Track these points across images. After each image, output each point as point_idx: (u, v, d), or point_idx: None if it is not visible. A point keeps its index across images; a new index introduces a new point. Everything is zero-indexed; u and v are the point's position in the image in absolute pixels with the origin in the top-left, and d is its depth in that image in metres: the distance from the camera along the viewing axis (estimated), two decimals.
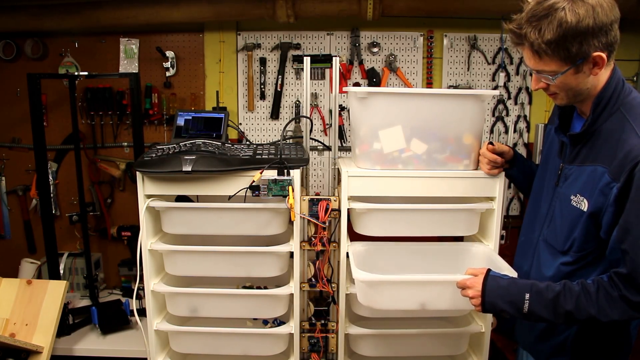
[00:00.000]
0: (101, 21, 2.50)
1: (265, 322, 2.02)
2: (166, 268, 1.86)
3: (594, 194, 1.27)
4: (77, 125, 2.49)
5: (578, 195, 1.32)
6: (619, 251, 1.22)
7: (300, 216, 1.76)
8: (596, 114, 1.30)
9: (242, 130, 2.72)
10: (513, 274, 1.44)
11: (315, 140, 2.40)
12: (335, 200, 1.76)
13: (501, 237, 1.81)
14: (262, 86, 2.69)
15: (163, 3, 2.46)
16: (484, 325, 1.85)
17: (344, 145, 2.72)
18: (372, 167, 1.74)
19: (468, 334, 1.91)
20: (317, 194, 1.81)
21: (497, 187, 1.71)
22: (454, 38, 2.65)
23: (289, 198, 1.67)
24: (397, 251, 1.82)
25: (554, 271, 1.39)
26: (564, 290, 1.25)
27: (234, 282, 2.04)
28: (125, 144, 2.78)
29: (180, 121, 2.04)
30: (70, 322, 2.40)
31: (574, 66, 1.23)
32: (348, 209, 1.74)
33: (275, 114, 2.70)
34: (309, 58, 1.96)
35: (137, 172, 1.72)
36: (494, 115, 2.71)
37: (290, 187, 1.67)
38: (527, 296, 1.27)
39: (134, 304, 1.89)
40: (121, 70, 2.71)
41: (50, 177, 2.59)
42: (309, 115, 2.00)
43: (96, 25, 2.54)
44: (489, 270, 1.38)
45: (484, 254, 1.76)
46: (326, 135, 2.73)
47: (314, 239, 1.79)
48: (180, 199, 1.92)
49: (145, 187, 1.74)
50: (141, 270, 1.81)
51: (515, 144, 2.73)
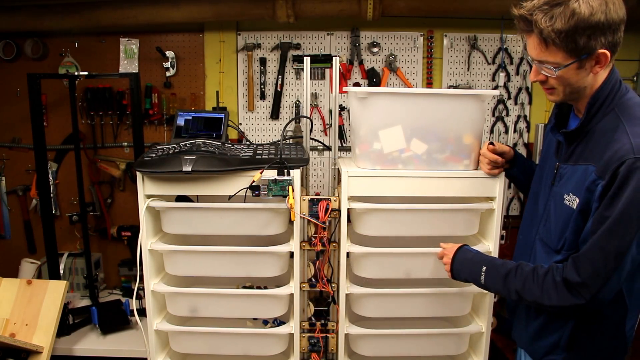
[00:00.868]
0: (101, 21, 2.50)
1: (265, 322, 2.02)
2: (166, 268, 1.86)
3: (582, 191, 1.28)
4: (77, 125, 2.49)
5: (570, 194, 1.33)
6: (585, 241, 1.24)
7: (300, 216, 1.76)
8: (591, 113, 1.30)
9: (242, 130, 2.72)
10: None
11: (315, 140, 2.40)
12: (335, 200, 1.76)
13: (501, 237, 1.81)
14: (262, 86, 2.69)
15: (163, 3, 2.46)
16: (483, 325, 1.85)
17: (344, 145, 2.72)
18: (372, 167, 1.74)
19: (468, 334, 1.91)
20: (317, 194, 1.81)
21: (497, 187, 1.71)
22: (454, 38, 2.65)
23: (289, 198, 1.67)
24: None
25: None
26: (515, 269, 1.34)
27: (234, 282, 2.04)
28: (125, 144, 2.78)
29: (180, 121, 2.04)
30: (70, 322, 2.41)
31: (578, 60, 1.23)
32: (348, 209, 1.74)
33: (275, 114, 2.70)
34: (309, 58, 1.96)
35: (137, 172, 1.72)
36: (494, 115, 2.71)
37: (290, 187, 1.67)
38: (484, 269, 1.40)
39: (134, 304, 1.89)
40: (121, 70, 2.71)
41: (50, 177, 2.59)
42: (309, 115, 2.00)
43: (96, 25, 2.54)
44: (464, 245, 1.55)
45: None
46: (326, 135, 2.73)
47: (314, 239, 1.79)
48: (181, 199, 1.92)
49: (145, 187, 1.74)
50: (141, 270, 1.82)
51: (515, 144, 2.73)
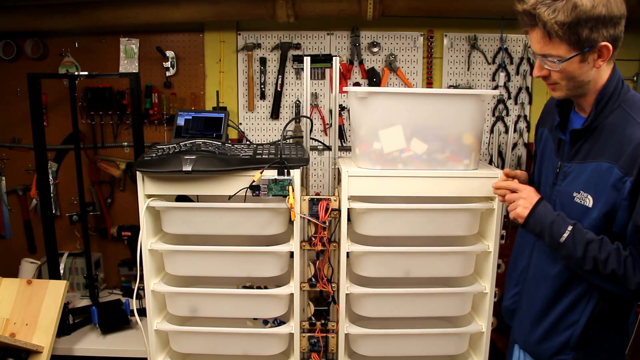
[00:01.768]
0: (101, 21, 2.50)
1: (266, 322, 2.02)
2: (166, 268, 1.86)
3: (602, 190, 1.27)
4: (77, 125, 2.49)
5: (581, 192, 1.32)
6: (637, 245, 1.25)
7: (301, 216, 1.76)
8: (598, 109, 1.31)
9: (242, 130, 2.72)
10: None
11: (316, 140, 2.40)
12: (335, 200, 1.76)
13: (501, 237, 1.81)
14: (262, 86, 2.69)
15: (163, 3, 2.46)
16: (483, 325, 1.85)
17: (344, 145, 2.72)
18: (372, 167, 1.74)
19: (468, 334, 1.91)
20: (317, 194, 1.81)
21: None
22: (454, 38, 2.65)
23: (289, 198, 1.67)
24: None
25: (561, 267, 1.40)
26: (600, 241, 1.27)
27: (234, 282, 2.04)
28: (126, 143, 2.78)
29: (181, 121, 2.04)
30: (71, 322, 2.41)
31: (581, 53, 1.25)
32: (348, 208, 1.74)
33: (275, 113, 2.70)
34: (309, 58, 1.96)
35: (137, 172, 1.72)
36: (494, 115, 2.71)
37: (290, 187, 1.67)
38: (570, 228, 1.29)
39: (134, 304, 1.89)
40: (121, 70, 2.71)
41: (51, 177, 2.59)
42: (309, 115, 2.00)
43: (96, 25, 2.54)
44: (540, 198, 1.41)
45: None
46: (326, 135, 2.73)
47: (314, 239, 1.79)
48: (181, 198, 1.92)
49: (146, 187, 1.74)
50: (141, 270, 1.81)
51: (515, 144, 2.73)
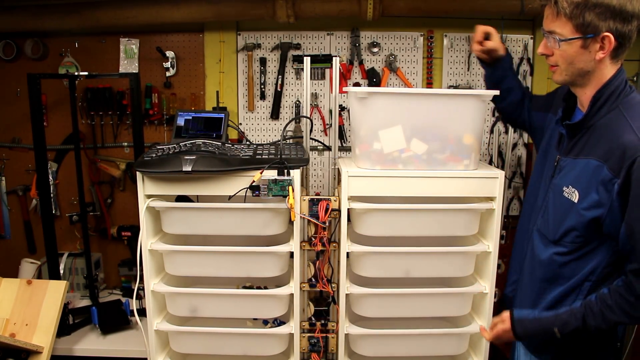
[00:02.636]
0: (101, 21, 2.50)
1: (265, 322, 2.02)
2: (166, 268, 1.86)
3: (588, 187, 1.30)
4: (77, 125, 2.49)
5: (570, 186, 1.35)
6: (628, 247, 1.26)
7: (301, 216, 1.76)
8: (595, 107, 1.32)
9: (242, 130, 2.72)
10: None
11: (316, 140, 2.40)
12: (335, 200, 1.76)
13: (501, 237, 1.81)
14: (262, 86, 2.69)
15: (163, 3, 2.46)
16: (484, 325, 1.85)
17: (344, 145, 2.72)
18: (372, 167, 1.74)
19: (468, 334, 1.91)
20: (317, 194, 1.82)
21: (497, 187, 1.71)
22: (454, 38, 2.65)
23: (289, 198, 1.67)
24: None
25: (547, 259, 1.43)
26: (586, 312, 1.31)
27: (234, 282, 2.04)
28: (126, 144, 2.78)
29: (181, 121, 2.05)
30: (70, 322, 2.40)
31: (583, 38, 1.25)
32: (348, 209, 1.74)
33: (275, 114, 2.70)
34: (309, 58, 1.96)
35: (137, 172, 1.72)
36: (494, 115, 2.71)
37: (290, 187, 1.67)
38: (556, 330, 1.36)
39: (134, 304, 1.89)
40: (121, 70, 2.71)
41: (51, 177, 2.59)
42: (309, 115, 2.00)
43: (96, 25, 2.53)
44: (510, 314, 1.47)
45: None
46: (326, 135, 2.73)
47: (314, 239, 1.79)
48: (181, 199, 1.92)
49: (146, 187, 1.74)
50: (141, 270, 1.82)
51: (515, 144, 2.73)
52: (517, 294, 1.64)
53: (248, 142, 2.40)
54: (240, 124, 2.73)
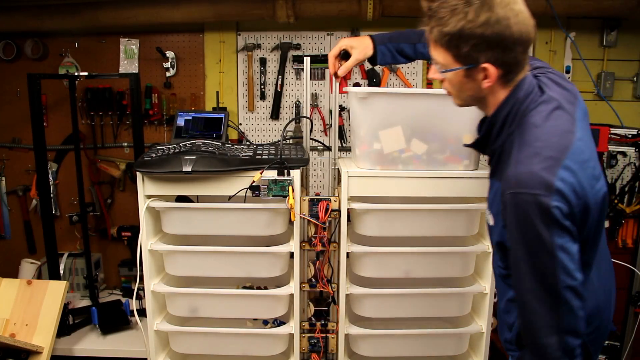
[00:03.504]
0: (101, 21, 2.50)
1: (265, 323, 2.02)
2: (166, 268, 1.86)
3: (497, 212, 1.22)
4: (77, 126, 2.49)
5: (487, 209, 1.29)
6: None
7: (300, 216, 1.76)
8: (494, 133, 1.24)
9: (242, 131, 2.72)
10: None
11: (316, 140, 2.40)
12: (335, 201, 1.76)
13: None
14: (262, 86, 2.69)
15: (163, 3, 2.46)
16: (483, 326, 1.85)
17: (344, 145, 2.72)
18: (372, 167, 1.74)
19: (468, 334, 1.91)
20: (317, 194, 1.81)
21: None
22: None
23: (289, 198, 1.67)
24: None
25: (497, 261, 1.34)
26: None
27: (234, 283, 2.04)
28: (125, 144, 2.78)
29: (180, 121, 2.04)
30: (70, 322, 2.41)
31: (464, 68, 1.16)
32: (348, 209, 1.74)
33: (275, 114, 2.70)
34: (309, 58, 1.95)
35: (137, 172, 1.72)
36: None
37: (290, 188, 1.67)
38: None
39: (134, 304, 1.89)
40: (121, 70, 2.71)
41: (50, 178, 2.59)
42: (309, 116, 1.99)
43: (96, 25, 2.54)
44: None
45: None
46: (326, 135, 2.73)
47: (314, 239, 1.79)
48: (180, 199, 1.92)
49: (146, 188, 1.74)
50: (141, 270, 1.81)
51: None
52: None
53: (248, 143, 2.40)
54: (240, 124, 2.73)
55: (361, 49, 1.65)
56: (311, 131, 2.05)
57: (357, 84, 2.70)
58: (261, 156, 1.77)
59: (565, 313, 1.03)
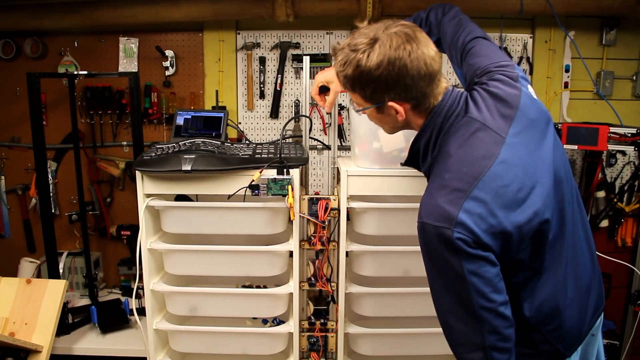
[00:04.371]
0: (100, 20, 2.50)
1: (265, 321, 2.02)
2: (166, 267, 1.86)
3: None
4: (76, 125, 2.48)
5: None
6: None
7: (300, 215, 1.76)
8: (420, 157, 1.26)
9: (242, 130, 2.72)
10: None
11: (315, 139, 2.40)
12: (334, 200, 1.76)
13: None
14: (262, 85, 2.69)
15: (163, 2, 2.46)
16: None
17: (343, 144, 2.72)
18: (371, 166, 1.74)
19: None
20: (317, 193, 1.81)
21: None
22: None
23: (288, 197, 1.67)
24: None
25: None
26: None
27: (234, 281, 2.04)
28: (125, 143, 2.78)
29: (180, 120, 2.05)
30: (70, 321, 2.40)
31: (375, 106, 1.18)
32: (347, 208, 1.74)
33: (274, 113, 2.70)
34: (308, 57, 1.96)
35: (137, 171, 1.73)
36: None
37: (289, 187, 1.67)
38: None
39: (133, 303, 1.89)
40: (120, 69, 2.70)
41: (50, 176, 2.58)
42: (308, 115, 2.00)
43: (95, 24, 2.53)
44: None
45: None
46: (326, 134, 2.73)
47: (313, 238, 1.79)
48: (180, 198, 1.93)
49: (145, 186, 1.74)
50: (141, 269, 1.82)
51: None
52: None
53: (247, 141, 2.40)
54: (240, 123, 2.73)
55: (338, 82, 1.63)
56: (310, 130, 2.05)
57: None
58: (260, 155, 1.77)
59: (486, 332, 1.04)
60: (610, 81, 2.60)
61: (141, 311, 1.94)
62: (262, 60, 2.67)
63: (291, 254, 1.81)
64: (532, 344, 1.18)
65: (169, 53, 2.67)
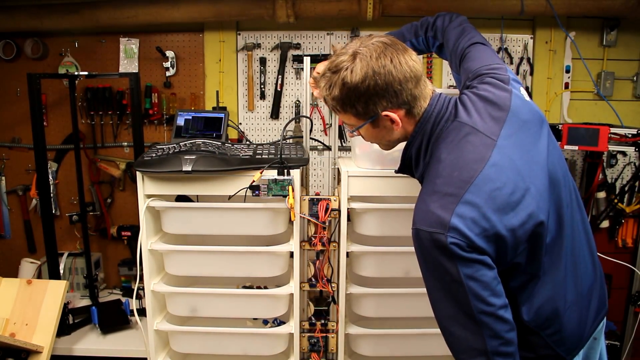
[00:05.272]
0: (101, 21, 2.50)
1: (265, 322, 2.02)
2: (166, 268, 1.86)
3: None
4: (77, 125, 2.49)
5: None
6: None
7: (300, 216, 1.76)
8: (413, 164, 1.26)
9: (242, 130, 2.72)
10: None
11: (315, 140, 2.40)
12: (335, 200, 1.76)
13: None
14: (262, 86, 2.69)
15: (163, 3, 2.46)
16: None
17: (344, 145, 2.72)
18: (372, 166, 1.74)
19: None
20: (317, 194, 1.81)
21: None
22: None
23: (289, 198, 1.67)
24: None
25: None
26: None
27: (234, 282, 2.04)
28: (125, 143, 2.78)
29: (180, 121, 2.05)
30: (70, 321, 2.41)
31: (370, 121, 1.18)
32: (348, 208, 1.74)
33: (275, 113, 2.70)
34: (308, 58, 1.96)
35: (137, 172, 1.73)
36: None
37: (290, 187, 1.67)
38: None
39: (134, 304, 1.89)
40: (121, 70, 2.71)
41: (50, 177, 2.59)
42: (309, 115, 2.00)
43: (96, 25, 2.53)
44: None
45: None
46: (326, 135, 2.73)
47: (314, 239, 1.79)
48: (180, 198, 1.92)
49: (145, 187, 1.74)
50: (141, 270, 1.82)
51: None
52: None
53: (248, 142, 2.40)
54: (240, 123, 2.73)
55: None
56: (311, 131, 2.05)
57: None
58: (261, 156, 1.77)
59: (488, 336, 1.03)
60: (610, 82, 2.60)
61: (142, 312, 1.94)
62: (263, 61, 2.67)
63: (292, 254, 1.81)
64: (532, 348, 1.18)
65: (169, 54, 2.67)
